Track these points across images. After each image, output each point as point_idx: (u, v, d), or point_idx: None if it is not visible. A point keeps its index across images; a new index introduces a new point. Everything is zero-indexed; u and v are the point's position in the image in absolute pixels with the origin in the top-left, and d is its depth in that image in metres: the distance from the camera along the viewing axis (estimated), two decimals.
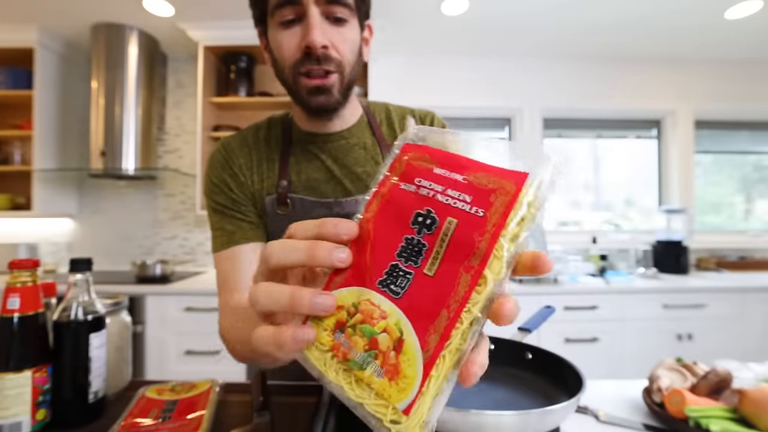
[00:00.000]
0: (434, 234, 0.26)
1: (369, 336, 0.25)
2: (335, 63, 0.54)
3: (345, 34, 0.55)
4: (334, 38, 0.54)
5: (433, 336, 0.24)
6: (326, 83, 0.55)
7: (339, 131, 0.64)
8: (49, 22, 2.14)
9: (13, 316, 0.51)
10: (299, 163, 0.63)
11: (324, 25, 0.53)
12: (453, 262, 0.25)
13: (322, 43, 0.52)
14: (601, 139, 2.74)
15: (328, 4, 0.52)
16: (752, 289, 1.99)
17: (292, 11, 0.52)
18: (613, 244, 2.51)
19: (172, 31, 2.24)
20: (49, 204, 2.29)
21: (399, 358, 0.24)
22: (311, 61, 0.53)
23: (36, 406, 0.52)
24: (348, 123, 0.65)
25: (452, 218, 0.25)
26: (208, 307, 1.89)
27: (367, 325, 0.25)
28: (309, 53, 0.53)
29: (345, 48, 0.55)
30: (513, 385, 0.62)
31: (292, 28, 0.53)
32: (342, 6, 0.53)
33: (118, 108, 2.19)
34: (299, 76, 0.55)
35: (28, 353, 0.52)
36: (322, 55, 0.53)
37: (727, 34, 2.29)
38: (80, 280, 0.57)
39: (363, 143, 0.65)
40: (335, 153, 0.63)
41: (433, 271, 0.25)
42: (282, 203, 0.61)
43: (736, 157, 2.78)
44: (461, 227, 0.25)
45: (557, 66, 2.61)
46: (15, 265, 0.53)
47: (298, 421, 0.58)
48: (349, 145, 0.64)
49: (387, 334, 0.25)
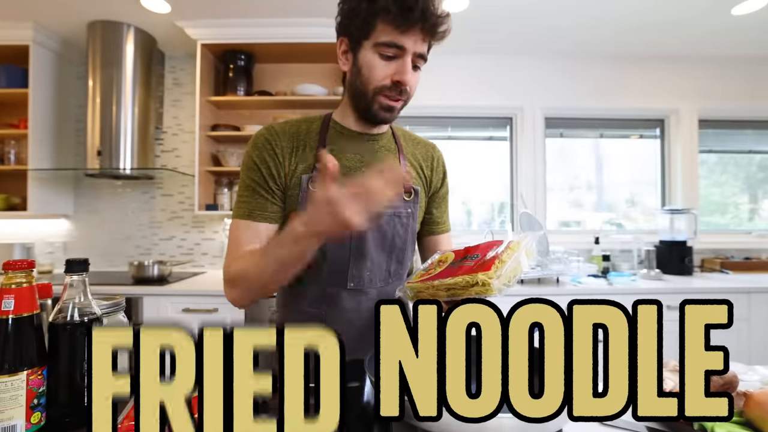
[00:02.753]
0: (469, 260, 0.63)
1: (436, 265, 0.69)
2: (407, 96, 0.74)
3: (417, 77, 0.74)
4: (413, 81, 0.72)
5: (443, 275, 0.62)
6: (397, 106, 0.74)
7: (374, 134, 0.81)
8: (45, 19, 2.11)
9: (8, 318, 0.51)
10: (334, 152, 0.76)
11: (411, 71, 0.71)
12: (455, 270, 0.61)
13: (410, 84, 0.72)
14: (603, 138, 2.71)
15: (417, 58, 0.71)
16: (758, 290, 1.97)
17: (394, 51, 0.69)
18: (615, 245, 2.49)
19: (170, 28, 2.21)
20: (44, 204, 2.26)
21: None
22: (396, 91, 0.71)
23: (31, 409, 0.51)
24: (381, 130, 0.82)
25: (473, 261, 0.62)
26: (206, 308, 1.87)
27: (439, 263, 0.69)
28: (398, 86, 0.71)
29: (414, 87, 0.74)
30: None
31: (388, 62, 0.70)
32: (423, 60, 0.73)
33: (114, 107, 2.16)
34: (379, 96, 0.72)
35: (23, 355, 0.51)
36: (404, 89, 0.72)
37: (733, 31, 2.27)
38: (76, 281, 0.57)
39: (388, 147, 0.83)
40: (367, 150, 0.80)
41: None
42: (315, 181, 0.73)
43: (741, 156, 2.75)
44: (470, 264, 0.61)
45: (559, 64, 2.58)
46: (10, 266, 0.52)
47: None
48: (378, 146, 0.81)
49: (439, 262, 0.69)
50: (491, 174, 2.70)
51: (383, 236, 0.78)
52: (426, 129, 2.64)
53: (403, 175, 0.54)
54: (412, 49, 0.69)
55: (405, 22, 0.66)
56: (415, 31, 0.67)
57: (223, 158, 2.32)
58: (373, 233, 0.77)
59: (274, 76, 2.49)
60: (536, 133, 2.58)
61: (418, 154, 0.86)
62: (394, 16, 0.66)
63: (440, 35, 0.70)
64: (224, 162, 2.32)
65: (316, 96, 2.28)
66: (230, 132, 2.31)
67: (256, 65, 2.45)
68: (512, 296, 1.81)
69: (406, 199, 0.80)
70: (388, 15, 0.66)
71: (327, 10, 2.07)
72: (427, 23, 0.67)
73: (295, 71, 2.49)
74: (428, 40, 0.70)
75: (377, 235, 0.77)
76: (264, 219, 0.73)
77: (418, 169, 0.85)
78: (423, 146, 0.88)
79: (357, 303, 0.78)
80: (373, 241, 0.77)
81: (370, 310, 0.78)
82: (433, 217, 0.89)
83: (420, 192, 0.83)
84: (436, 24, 0.68)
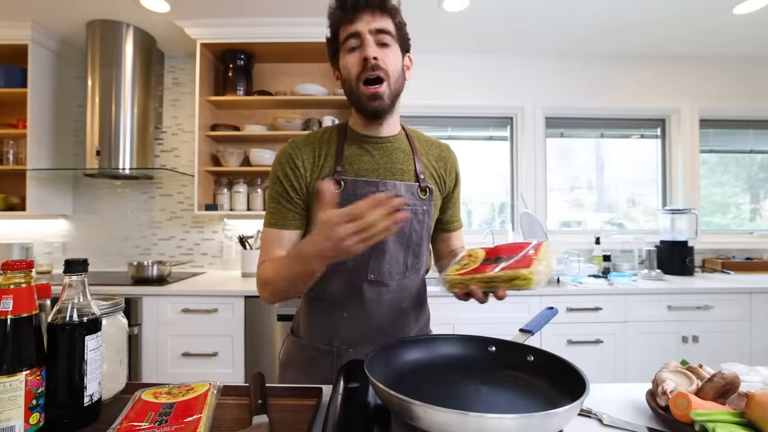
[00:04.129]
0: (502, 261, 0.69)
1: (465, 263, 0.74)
2: (383, 71, 0.76)
3: (389, 53, 0.77)
4: (381, 55, 0.76)
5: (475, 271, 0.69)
6: (379, 91, 0.76)
7: (386, 136, 0.85)
8: (44, 18, 2.11)
9: (7, 318, 0.51)
10: (352, 156, 0.82)
11: (374, 46, 0.75)
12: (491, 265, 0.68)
13: (374, 55, 0.74)
14: (604, 138, 2.71)
15: (377, 34, 0.76)
16: (759, 291, 1.96)
17: (355, 41, 0.76)
18: (616, 245, 2.48)
19: (169, 28, 2.21)
20: (43, 204, 2.26)
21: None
22: (367, 69, 0.75)
23: (29, 410, 0.51)
24: (393, 132, 0.86)
25: (508, 261, 0.68)
26: (206, 308, 1.86)
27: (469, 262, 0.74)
28: (365, 63, 0.74)
29: (389, 62, 0.76)
30: (515, 388, 0.61)
31: (354, 53, 0.76)
32: (386, 35, 0.76)
33: (113, 106, 2.16)
34: (360, 85, 0.76)
35: (22, 356, 0.51)
36: (374, 64, 0.74)
37: (734, 30, 2.26)
38: (75, 281, 0.57)
39: (402, 148, 0.86)
40: (382, 152, 0.84)
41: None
42: (336, 183, 0.79)
43: (742, 156, 2.74)
44: (504, 264, 0.67)
45: (559, 64, 2.57)
46: (8, 266, 0.52)
47: (297, 423, 0.58)
48: (393, 148, 0.85)
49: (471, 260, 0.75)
50: (491, 174, 2.70)
51: (401, 231, 0.81)
52: (426, 129, 2.63)
53: (402, 205, 0.57)
54: (366, 29, 0.75)
55: (346, 11, 0.76)
56: (360, 14, 0.75)
57: (222, 158, 2.31)
58: None
59: (274, 75, 2.49)
60: (537, 132, 2.58)
61: (432, 155, 0.90)
62: (341, 14, 0.77)
63: (386, 6, 0.76)
64: (224, 162, 2.32)
65: (316, 96, 2.27)
66: (230, 132, 2.31)
67: (256, 65, 2.45)
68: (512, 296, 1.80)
69: (422, 197, 0.84)
70: (338, 17, 0.78)
71: (326, 10, 2.07)
72: (362, 1, 0.74)
73: (294, 71, 2.48)
74: (378, 14, 0.76)
75: None
76: (287, 227, 0.82)
77: (431, 170, 0.88)
78: (437, 147, 0.92)
79: (377, 294, 0.82)
80: (392, 237, 0.80)
81: (390, 301, 0.83)
82: (446, 216, 0.94)
83: (434, 191, 0.87)
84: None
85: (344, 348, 0.83)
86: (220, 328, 1.87)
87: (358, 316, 0.82)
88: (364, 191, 0.79)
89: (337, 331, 0.83)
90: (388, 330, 0.84)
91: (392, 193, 0.59)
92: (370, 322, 0.83)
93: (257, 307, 1.87)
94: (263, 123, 2.40)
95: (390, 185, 0.81)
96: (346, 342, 0.83)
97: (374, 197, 0.57)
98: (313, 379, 0.78)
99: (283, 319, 1.86)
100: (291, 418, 0.59)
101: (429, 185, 0.85)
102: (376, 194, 0.57)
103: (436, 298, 1.89)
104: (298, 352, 0.87)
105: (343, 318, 0.82)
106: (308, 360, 0.85)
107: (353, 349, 0.82)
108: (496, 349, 0.69)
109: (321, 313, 0.84)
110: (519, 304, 1.92)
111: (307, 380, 0.78)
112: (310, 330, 0.86)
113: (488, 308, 1.91)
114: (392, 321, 0.85)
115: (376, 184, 0.80)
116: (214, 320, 1.87)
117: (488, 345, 0.70)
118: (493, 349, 0.70)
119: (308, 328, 0.87)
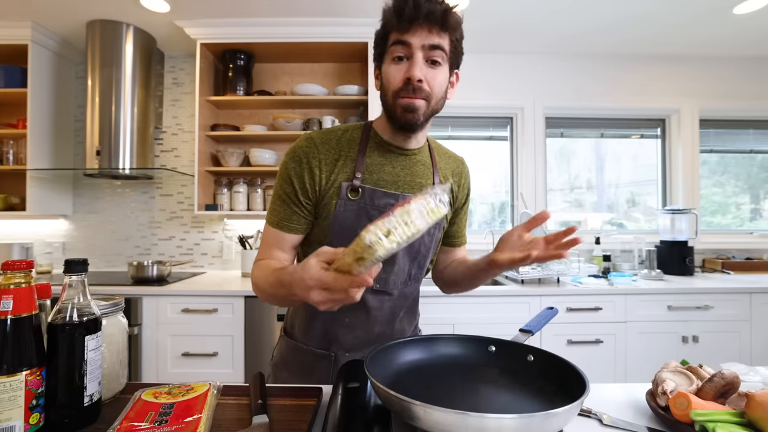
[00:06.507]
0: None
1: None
2: (425, 93, 0.72)
3: (437, 75, 0.72)
4: (428, 76, 0.71)
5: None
6: (416, 103, 0.71)
7: (412, 149, 0.81)
8: (44, 18, 2.11)
9: (7, 318, 0.51)
10: (373, 164, 0.79)
11: (423, 65, 0.71)
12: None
13: (419, 77, 0.70)
14: (604, 138, 2.71)
15: (430, 50, 0.70)
16: (759, 291, 1.96)
17: (403, 50, 0.71)
18: (616, 245, 2.48)
19: (169, 28, 2.21)
20: (43, 204, 2.26)
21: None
22: (408, 90, 0.70)
23: (29, 410, 0.51)
24: (419, 145, 0.83)
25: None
26: (206, 308, 1.86)
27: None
28: (409, 83, 0.70)
29: (434, 83, 0.72)
30: (515, 388, 0.61)
31: (400, 64, 0.71)
32: (439, 51, 0.71)
33: (113, 106, 2.16)
34: (398, 99, 0.72)
35: (22, 356, 0.51)
36: (417, 86, 0.70)
37: (734, 30, 2.26)
38: (75, 281, 0.57)
39: (424, 161, 0.83)
40: (404, 164, 0.81)
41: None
42: (354, 190, 0.76)
43: (743, 156, 2.74)
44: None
45: (560, 64, 2.57)
46: (8, 266, 0.52)
47: (297, 423, 0.58)
48: (416, 161, 0.82)
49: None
50: (491, 174, 2.70)
51: (411, 245, 0.79)
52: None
53: (368, 283, 0.50)
54: (419, 44, 0.70)
55: (403, 21, 0.69)
56: (416, 27, 0.69)
57: (222, 158, 2.31)
58: None
59: (274, 75, 2.49)
60: (537, 132, 2.58)
61: (449, 169, 0.88)
62: (395, 21, 0.71)
63: (447, 22, 0.70)
64: (224, 162, 2.31)
65: (316, 96, 2.27)
66: (230, 132, 2.30)
67: (256, 65, 2.44)
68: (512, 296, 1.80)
69: None
70: (392, 23, 0.71)
71: (327, 10, 2.07)
72: (422, 13, 0.68)
73: (295, 71, 2.48)
74: (436, 30, 0.70)
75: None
76: (290, 230, 0.79)
77: None
78: (453, 161, 0.90)
79: (380, 303, 0.82)
80: (402, 249, 0.78)
81: (390, 309, 0.83)
82: (452, 230, 0.93)
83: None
84: (433, 11, 0.68)
85: (341, 353, 0.83)
86: (220, 328, 1.87)
87: (360, 323, 0.82)
88: (382, 202, 0.77)
89: (336, 337, 0.83)
90: (385, 335, 0.84)
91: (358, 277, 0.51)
92: (371, 329, 0.83)
93: (257, 307, 1.87)
94: (263, 123, 2.40)
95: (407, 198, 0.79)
96: (344, 347, 0.83)
97: (357, 280, 0.50)
98: (307, 382, 0.77)
99: (283, 319, 1.86)
100: (291, 418, 0.59)
101: None
102: (359, 277, 0.50)
103: (437, 297, 1.89)
104: (294, 355, 0.86)
105: (344, 325, 0.82)
106: (303, 363, 0.84)
107: (350, 354, 0.82)
108: (496, 349, 0.69)
109: (321, 319, 0.83)
110: (519, 304, 1.91)
111: (301, 382, 0.77)
112: (309, 334, 0.85)
113: (488, 308, 1.91)
114: (390, 326, 0.85)
115: (395, 197, 0.77)
116: (214, 320, 1.87)
117: (488, 345, 0.70)
118: (493, 349, 0.69)
119: (306, 331, 0.85)
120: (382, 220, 0.47)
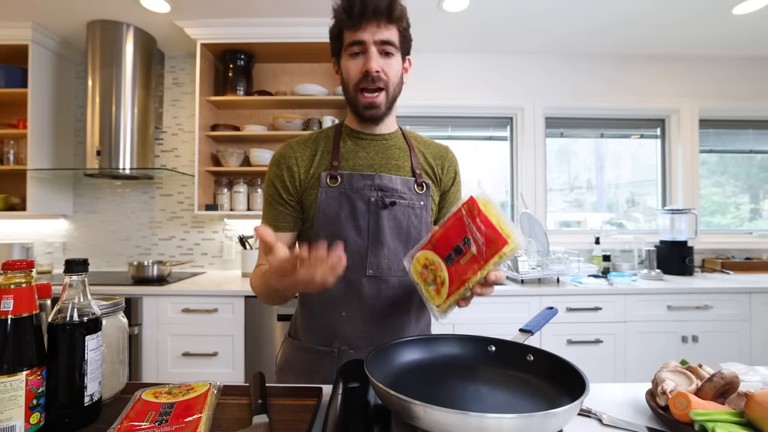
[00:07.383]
0: (466, 249, 0.61)
1: (434, 275, 0.65)
2: (383, 83, 0.79)
3: (392, 64, 0.79)
4: (384, 66, 0.78)
5: (455, 285, 0.63)
6: (376, 101, 0.80)
7: (382, 134, 0.87)
8: (44, 18, 2.11)
9: (7, 318, 0.51)
10: (348, 152, 0.85)
11: (378, 57, 0.78)
12: (469, 263, 0.61)
13: (376, 69, 0.77)
14: (604, 138, 2.71)
15: (381, 45, 0.77)
16: (759, 291, 1.96)
17: (358, 47, 0.77)
18: (616, 245, 2.49)
19: (169, 28, 2.21)
20: (43, 204, 2.26)
21: (441, 287, 0.64)
22: (368, 80, 0.78)
23: (30, 409, 0.51)
24: (389, 130, 0.89)
25: (474, 245, 0.61)
26: (206, 308, 1.87)
27: (435, 270, 0.65)
28: (367, 75, 0.77)
29: (390, 72, 0.79)
30: (514, 388, 0.61)
31: (357, 59, 0.78)
32: (390, 45, 0.78)
33: (114, 106, 2.16)
34: (359, 93, 0.79)
35: (22, 356, 0.51)
36: (375, 77, 0.77)
37: (734, 31, 2.26)
38: (76, 281, 0.57)
39: (399, 145, 0.89)
40: (378, 148, 0.86)
41: (462, 262, 0.62)
42: (333, 178, 0.82)
43: (742, 156, 2.74)
44: (475, 251, 0.61)
45: (560, 64, 2.58)
46: (9, 266, 0.52)
47: (297, 423, 0.58)
48: (389, 145, 0.88)
49: (440, 277, 0.64)
50: (491, 174, 2.70)
51: (399, 226, 0.82)
52: (426, 129, 2.64)
53: (337, 265, 0.58)
54: (371, 39, 0.76)
55: (353, 19, 0.76)
56: (366, 23, 0.76)
57: (222, 158, 2.31)
58: (389, 222, 0.82)
59: (274, 75, 2.49)
60: (536, 132, 2.58)
61: (429, 153, 0.91)
62: (347, 19, 0.77)
63: (393, 13, 0.76)
64: (224, 162, 2.32)
65: (316, 96, 2.27)
66: (230, 132, 2.31)
67: (256, 65, 2.45)
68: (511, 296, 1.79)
69: (419, 192, 0.85)
70: (344, 21, 0.78)
71: (327, 10, 2.07)
72: (369, 9, 0.74)
73: (295, 71, 2.48)
74: (384, 24, 0.76)
75: (393, 224, 0.82)
76: (281, 229, 0.84)
77: (427, 167, 0.89)
78: (435, 147, 0.93)
79: (377, 291, 0.82)
80: (389, 230, 0.81)
81: (390, 299, 0.83)
82: (443, 213, 0.93)
83: (431, 187, 0.88)
84: (378, 6, 0.75)
85: (345, 349, 0.82)
86: (220, 328, 1.87)
87: (357, 314, 0.81)
88: (360, 184, 0.81)
89: (336, 332, 0.82)
90: (388, 329, 0.83)
91: (334, 252, 0.59)
92: (370, 321, 0.82)
93: (257, 307, 1.87)
94: (263, 123, 2.41)
95: (386, 179, 0.82)
96: (346, 342, 0.82)
97: (314, 257, 0.57)
98: (312, 382, 0.77)
99: (283, 319, 1.87)
100: (291, 418, 0.59)
101: (426, 181, 0.86)
102: (316, 253, 0.57)
103: None
104: (298, 355, 0.86)
105: (341, 317, 0.81)
106: (307, 362, 0.84)
107: (354, 351, 0.82)
108: (496, 349, 0.69)
109: (319, 313, 0.84)
110: (519, 304, 1.92)
111: (307, 383, 0.77)
112: (309, 331, 0.86)
113: (488, 308, 1.91)
114: (392, 320, 0.84)
115: (372, 177, 0.82)
116: (214, 320, 1.87)
117: (488, 345, 0.70)
118: (493, 349, 0.69)
119: (307, 329, 0.86)
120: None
